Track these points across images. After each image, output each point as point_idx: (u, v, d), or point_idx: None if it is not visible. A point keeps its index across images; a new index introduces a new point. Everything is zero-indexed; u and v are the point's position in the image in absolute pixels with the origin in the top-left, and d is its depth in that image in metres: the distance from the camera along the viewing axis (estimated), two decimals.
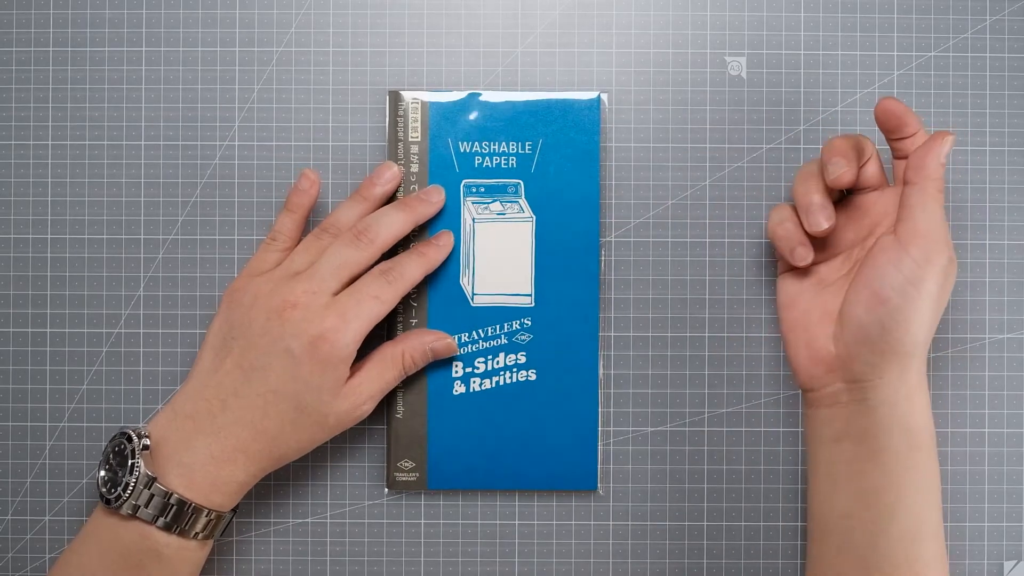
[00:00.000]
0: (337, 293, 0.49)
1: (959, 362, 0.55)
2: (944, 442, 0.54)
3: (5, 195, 0.55)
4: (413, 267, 0.51)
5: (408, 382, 0.53)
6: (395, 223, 0.51)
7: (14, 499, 0.55)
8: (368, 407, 0.50)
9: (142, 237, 0.55)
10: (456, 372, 0.53)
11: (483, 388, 0.53)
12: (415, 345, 0.52)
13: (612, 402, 0.55)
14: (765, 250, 0.55)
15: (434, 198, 0.53)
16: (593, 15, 0.55)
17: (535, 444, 0.53)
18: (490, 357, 0.53)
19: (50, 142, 0.55)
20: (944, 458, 0.54)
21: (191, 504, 0.47)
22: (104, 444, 0.54)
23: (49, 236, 0.55)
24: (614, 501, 0.55)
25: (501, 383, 0.53)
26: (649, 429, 0.55)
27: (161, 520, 0.46)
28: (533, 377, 0.53)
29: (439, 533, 0.55)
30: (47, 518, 0.55)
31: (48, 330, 0.55)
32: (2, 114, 0.55)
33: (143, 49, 0.55)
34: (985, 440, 0.54)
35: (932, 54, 0.55)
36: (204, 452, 0.47)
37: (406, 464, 0.53)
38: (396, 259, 0.51)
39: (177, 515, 0.47)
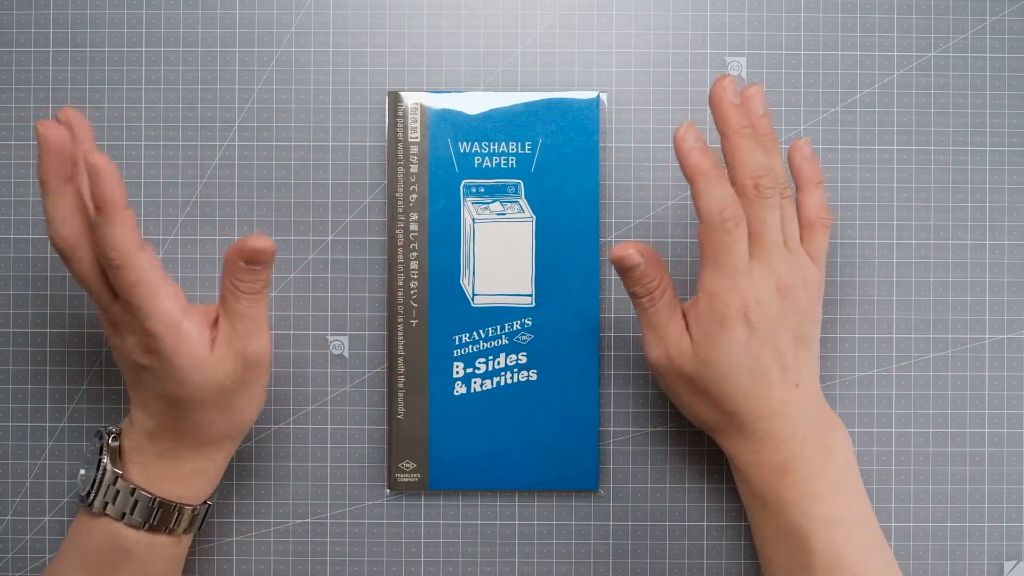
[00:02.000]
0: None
1: (959, 362, 0.55)
2: (944, 442, 0.54)
3: (5, 195, 0.55)
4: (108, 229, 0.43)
5: (409, 383, 0.53)
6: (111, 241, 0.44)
7: (14, 499, 0.55)
8: (248, 344, 0.46)
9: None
10: (457, 373, 0.53)
11: (484, 389, 0.53)
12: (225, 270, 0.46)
13: (612, 402, 0.55)
14: None
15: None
16: (593, 15, 0.55)
17: (536, 444, 0.53)
18: (491, 357, 0.53)
19: None
20: (944, 458, 0.54)
21: (155, 499, 0.46)
22: None
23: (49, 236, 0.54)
24: (614, 501, 0.55)
25: (502, 383, 0.53)
26: (649, 429, 0.55)
27: (128, 516, 0.46)
28: (534, 377, 0.53)
29: (439, 533, 0.55)
30: (47, 518, 0.55)
31: (48, 330, 0.55)
32: (2, 114, 0.54)
33: (143, 49, 0.55)
34: (985, 440, 0.54)
35: (932, 54, 0.55)
36: (152, 450, 0.47)
37: (407, 465, 0.53)
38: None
39: (143, 511, 0.46)
